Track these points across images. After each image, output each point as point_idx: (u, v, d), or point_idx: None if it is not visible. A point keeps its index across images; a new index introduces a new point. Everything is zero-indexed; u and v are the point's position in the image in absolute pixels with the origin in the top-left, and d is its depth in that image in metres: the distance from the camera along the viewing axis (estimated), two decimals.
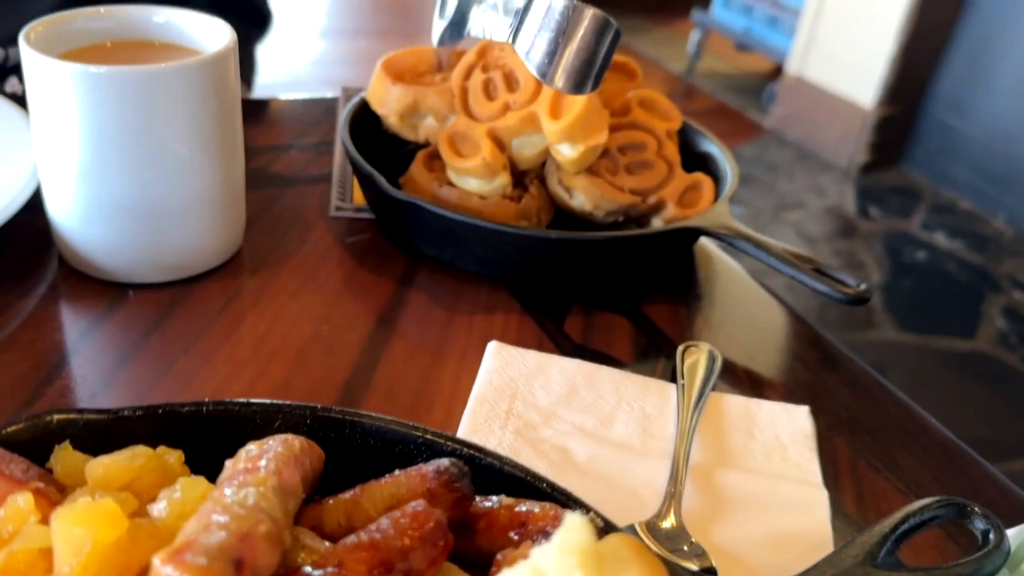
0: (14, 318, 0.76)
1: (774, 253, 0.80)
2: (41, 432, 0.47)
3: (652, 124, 0.93)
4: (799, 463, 0.67)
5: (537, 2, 0.76)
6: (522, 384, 0.71)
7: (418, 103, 0.90)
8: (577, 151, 0.83)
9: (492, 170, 0.84)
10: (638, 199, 0.88)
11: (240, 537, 0.35)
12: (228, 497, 0.38)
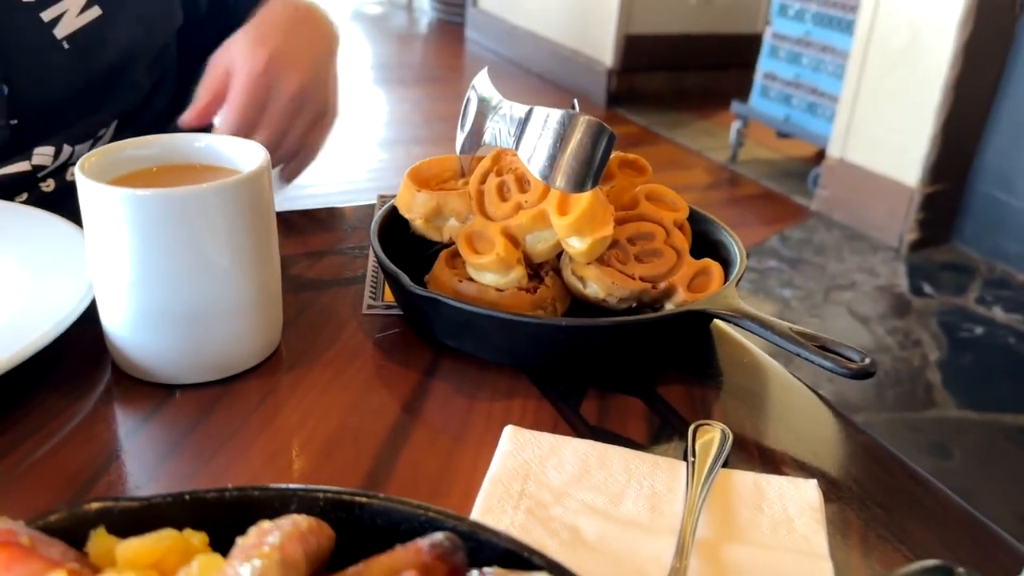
0: (71, 420, 0.82)
1: (779, 332, 0.83)
2: (79, 519, 0.52)
3: (659, 215, 0.98)
4: (806, 535, 0.68)
5: (536, 112, 0.83)
6: (535, 465, 0.74)
7: (441, 207, 0.97)
8: (585, 243, 0.89)
9: (506, 264, 0.89)
10: (649, 286, 0.92)
11: None
12: (234, 569, 0.43)
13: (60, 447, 0.79)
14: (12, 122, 1.17)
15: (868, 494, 0.76)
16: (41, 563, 0.47)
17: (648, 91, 6.58)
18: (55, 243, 1.00)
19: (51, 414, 0.83)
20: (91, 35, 1.19)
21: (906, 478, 0.79)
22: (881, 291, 4.13)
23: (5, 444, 0.78)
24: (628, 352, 0.90)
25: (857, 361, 0.81)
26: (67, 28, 1.17)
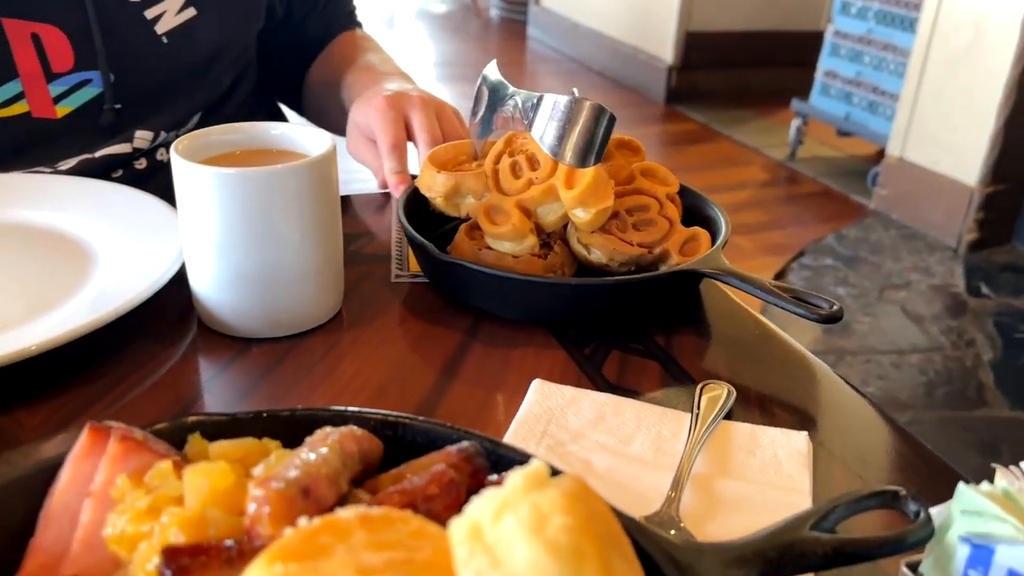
0: (163, 365, 0.96)
1: (758, 285, 0.94)
2: (179, 427, 0.65)
3: (654, 189, 1.10)
4: (791, 475, 0.78)
5: (546, 98, 0.97)
6: (557, 412, 0.85)
7: (459, 185, 1.09)
8: (590, 214, 1.00)
9: (521, 233, 1.01)
10: (645, 251, 1.04)
11: (308, 475, 0.52)
12: (303, 453, 0.55)
13: (155, 387, 0.93)
14: (117, 107, 1.32)
15: (856, 449, 0.85)
16: (151, 455, 0.60)
17: (708, 88, 6.60)
18: (150, 218, 1.15)
19: (147, 359, 0.97)
20: (186, 32, 1.34)
21: (893, 435, 0.88)
22: (936, 291, 4.12)
23: (110, 383, 0.92)
24: (630, 308, 1.03)
25: (826, 308, 0.91)
26: (166, 25, 1.33)
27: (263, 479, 0.51)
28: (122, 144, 1.34)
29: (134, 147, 1.35)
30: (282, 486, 0.50)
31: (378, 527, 0.47)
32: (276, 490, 0.50)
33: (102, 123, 1.33)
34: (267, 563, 0.43)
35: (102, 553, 0.57)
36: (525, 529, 0.42)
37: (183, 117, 1.42)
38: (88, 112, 1.31)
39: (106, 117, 1.32)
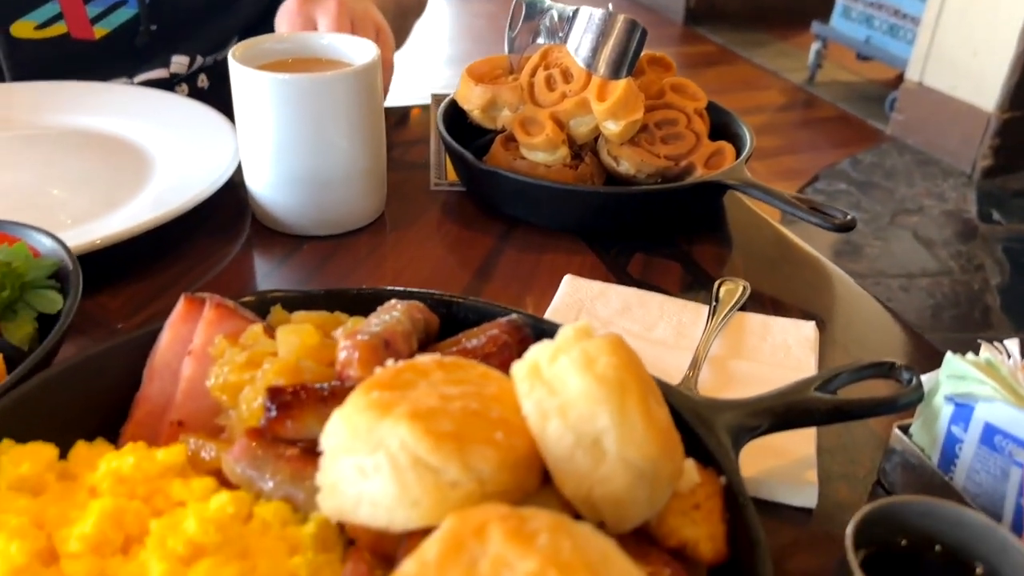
0: (223, 259, 1.05)
1: (778, 196, 1.01)
2: (263, 300, 0.73)
3: (683, 104, 1.15)
4: (799, 358, 0.87)
5: (581, 12, 1.03)
6: (587, 303, 0.94)
7: (495, 98, 1.15)
8: (620, 126, 1.07)
9: (554, 144, 1.08)
10: (672, 163, 1.11)
11: (387, 330, 0.61)
12: (378, 317, 0.64)
13: (219, 278, 1.02)
14: (152, 28, 1.38)
15: (858, 339, 0.93)
16: (242, 320, 0.69)
17: (728, 9, 6.51)
18: (202, 124, 1.22)
19: (209, 253, 1.05)
20: None
21: (892, 328, 0.96)
22: (948, 216, 4.16)
23: (177, 274, 1.01)
24: (656, 217, 1.10)
25: (840, 217, 0.98)
26: None
27: (350, 332, 0.60)
28: (159, 70, 1.40)
29: (171, 72, 1.41)
30: (367, 338, 0.59)
31: (451, 369, 0.56)
32: (363, 341, 0.59)
33: (138, 44, 1.38)
34: (364, 391, 0.52)
35: (203, 402, 0.67)
36: (577, 366, 0.51)
37: (219, 42, 1.47)
38: (124, 34, 1.37)
39: (141, 39, 1.38)
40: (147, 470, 0.59)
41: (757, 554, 0.53)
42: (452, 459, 0.48)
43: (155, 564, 0.52)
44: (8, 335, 0.76)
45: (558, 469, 0.50)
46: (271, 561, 0.54)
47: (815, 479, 0.72)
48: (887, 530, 0.52)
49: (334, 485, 0.51)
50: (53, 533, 0.55)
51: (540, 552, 0.42)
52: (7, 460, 0.59)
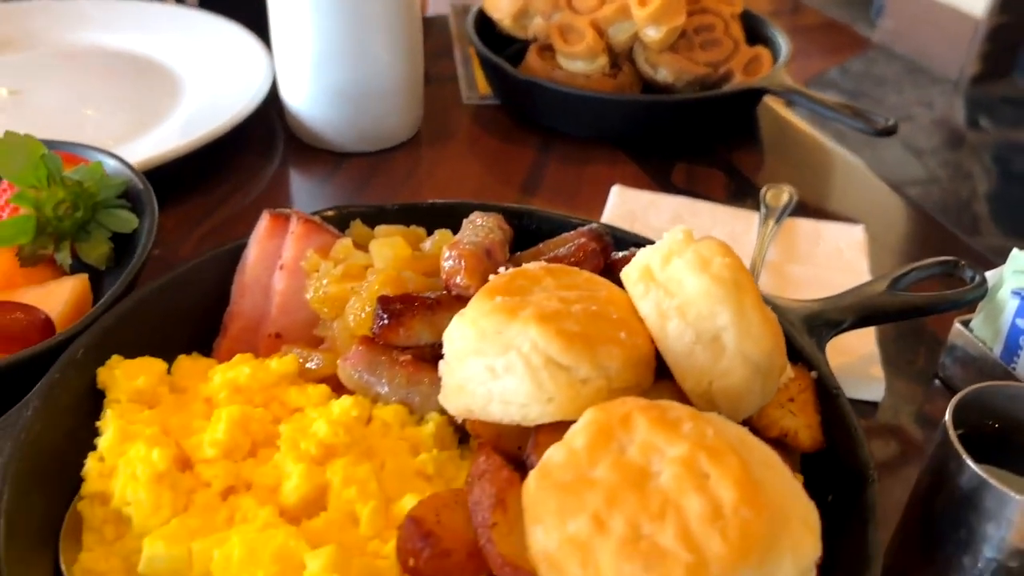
0: (263, 179, 1.05)
1: (819, 102, 1.03)
2: (343, 215, 0.74)
3: (719, 8, 1.15)
4: (852, 261, 0.89)
5: None
6: (639, 213, 0.95)
7: (527, 5, 1.14)
8: (661, 32, 1.07)
9: (594, 52, 1.08)
10: (711, 70, 1.11)
11: (487, 240, 0.62)
12: (471, 228, 0.65)
13: (262, 198, 1.02)
14: None
15: (902, 241, 0.96)
16: (329, 235, 0.70)
17: None
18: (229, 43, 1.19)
19: (248, 174, 1.05)
20: None
21: (934, 230, 0.99)
22: (937, 124, 4.18)
23: (222, 194, 1.01)
24: (696, 125, 1.11)
25: (882, 122, 1.00)
26: None
27: (454, 243, 0.62)
28: None
29: None
30: (472, 247, 0.61)
31: (559, 275, 0.57)
32: (469, 250, 0.60)
33: None
34: (486, 297, 0.54)
35: (299, 314, 0.68)
36: (693, 267, 0.53)
37: None
38: None
39: None
40: (262, 380, 0.61)
41: (855, 439, 0.57)
42: (583, 358, 0.50)
43: (291, 465, 0.55)
44: (84, 255, 0.76)
45: (678, 365, 0.53)
46: (396, 460, 0.57)
47: (881, 374, 0.76)
48: (979, 414, 0.56)
49: (461, 386, 0.54)
50: (180, 441, 0.57)
51: (687, 437, 0.45)
52: (121, 374, 0.60)
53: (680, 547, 0.41)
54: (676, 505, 0.42)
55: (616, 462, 0.45)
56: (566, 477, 0.45)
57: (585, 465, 0.45)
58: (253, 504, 0.53)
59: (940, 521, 0.54)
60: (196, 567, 0.50)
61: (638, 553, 0.41)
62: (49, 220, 0.74)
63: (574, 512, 0.44)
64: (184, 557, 0.50)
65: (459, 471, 0.57)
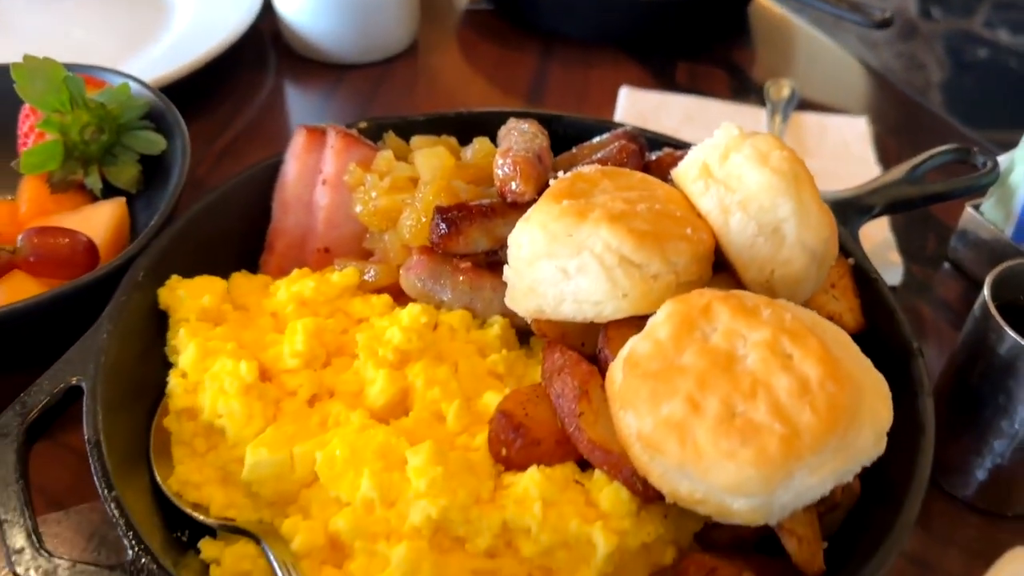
0: (262, 95, 1.03)
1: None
2: (376, 126, 0.74)
3: None
4: (858, 152, 0.92)
5: None
6: (650, 114, 0.97)
7: None
8: None
9: None
10: None
11: (536, 146, 0.63)
12: (515, 135, 0.66)
13: (270, 115, 1.01)
14: None
15: (902, 128, 0.99)
16: (367, 148, 0.71)
17: None
18: None
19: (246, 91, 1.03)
20: None
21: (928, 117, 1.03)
22: None
23: (228, 112, 1.00)
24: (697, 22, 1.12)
25: (879, 15, 1.02)
26: None
27: (505, 151, 0.63)
28: None
29: None
30: (525, 154, 0.62)
31: (613, 176, 0.59)
32: (522, 156, 0.61)
33: None
34: (552, 201, 0.55)
35: (346, 228, 0.69)
36: (753, 162, 0.55)
37: None
38: None
39: None
40: (326, 293, 0.62)
41: (897, 319, 0.60)
42: (654, 255, 0.52)
43: (372, 371, 0.57)
44: (113, 179, 0.76)
45: (740, 257, 0.55)
46: (468, 361, 0.59)
47: (899, 259, 0.80)
48: (1012, 289, 0.60)
49: (531, 288, 0.56)
50: (257, 355, 0.58)
51: (768, 323, 0.48)
52: (186, 294, 0.61)
53: (774, 421, 0.44)
54: (765, 384, 0.46)
55: (702, 349, 0.48)
56: (654, 366, 0.48)
57: (672, 354, 0.48)
58: (342, 409, 0.55)
59: (979, 389, 0.59)
60: (298, 469, 0.52)
61: (734, 429, 0.45)
62: (76, 145, 0.73)
63: (667, 396, 0.47)
64: (286, 461, 0.52)
65: (527, 369, 0.60)
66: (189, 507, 0.53)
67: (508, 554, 0.50)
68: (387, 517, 0.50)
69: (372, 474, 0.50)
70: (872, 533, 0.51)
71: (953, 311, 0.79)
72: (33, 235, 0.66)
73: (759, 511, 0.46)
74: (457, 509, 0.49)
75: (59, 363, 0.55)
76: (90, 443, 0.51)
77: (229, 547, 0.51)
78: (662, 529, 0.51)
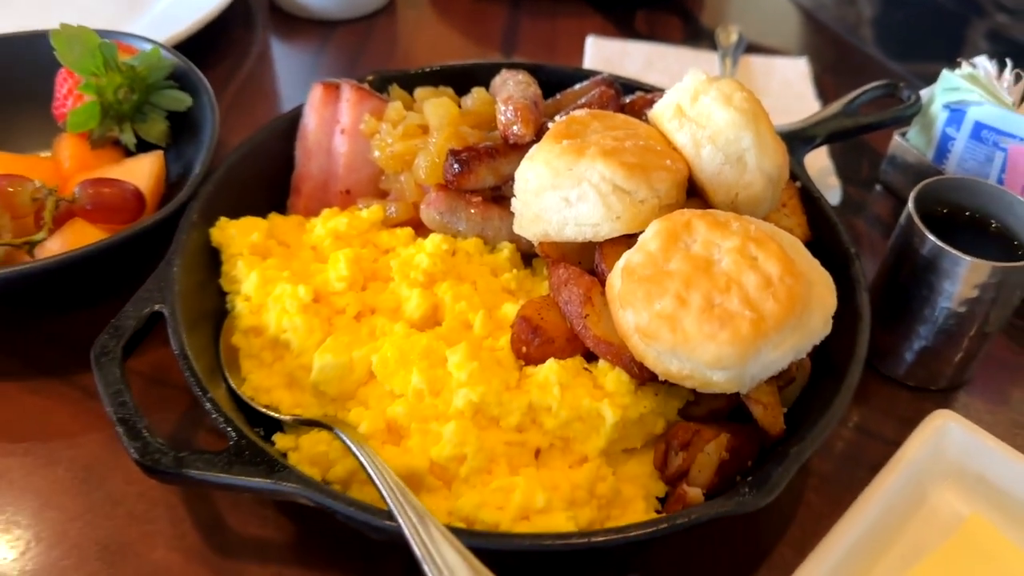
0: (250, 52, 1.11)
1: None
2: (382, 79, 0.84)
3: None
4: (800, 91, 1.04)
5: None
6: (615, 61, 1.07)
7: None
8: None
9: None
10: None
11: (531, 93, 0.73)
12: (511, 84, 0.76)
13: (268, 71, 1.08)
14: None
15: (836, 66, 1.12)
16: (377, 99, 0.80)
17: None
18: None
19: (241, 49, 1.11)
20: None
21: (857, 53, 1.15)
22: None
23: (228, 68, 1.07)
24: None
25: None
26: None
27: (507, 99, 0.73)
28: None
29: None
30: (525, 101, 0.72)
31: (603, 119, 0.70)
32: (523, 103, 0.72)
33: None
34: (552, 140, 0.66)
35: (364, 172, 0.78)
36: (719, 102, 0.66)
37: None
38: None
39: None
40: (358, 227, 0.72)
41: (837, 230, 0.73)
42: (641, 183, 0.63)
43: (406, 290, 0.67)
44: (144, 134, 0.84)
45: (710, 183, 0.67)
46: (484, 280, 0.70)
47: (837, 182, 0.92)
48: (931, 202, 0.72)
49: (538, 215, 0.66)
50: (306, 280, 0.68)
51: (736, 233, 0.60)
52: (237, 232, 0.71)
53: (744, 308, 0.56)
54: (737, 281, 0.57)
55: (685, 256, 0.59)
56: (647, 272, 0.60)
57: (661, 261, 0.60)
58: (386, 322, 0.66)
59: (907, 284, 0.71)
60: (357, 370, 0.63)
61: (714, 317, 0.56)
62: (111, 105, 0.81)
63: (659, 295, 0.58)
64: (347, 363, 0.63)
65: (534, 285, 0.71)
66: (263, 407, 0.64)
67: (533, 428, 0.62)
68: (434, 404, 0.61)
69: (420, 370, 0.61)
70: (820, 401, 0.64)
71: (884, 225, 0.92)
72: (88, 186, 0.74)
73: (734, 381, 0.58)
74: (492, 394, 0.60)
75: (140, 293, 0.64)
76: (179, 356, 0.61)
77: (303, 435, 0.61)
78: (654, 404, 0.63)
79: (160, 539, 0.62)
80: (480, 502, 0.58)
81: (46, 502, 0.64)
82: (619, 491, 0.61)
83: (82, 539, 0.62)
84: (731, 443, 0.61)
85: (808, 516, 0.67)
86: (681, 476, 0.62)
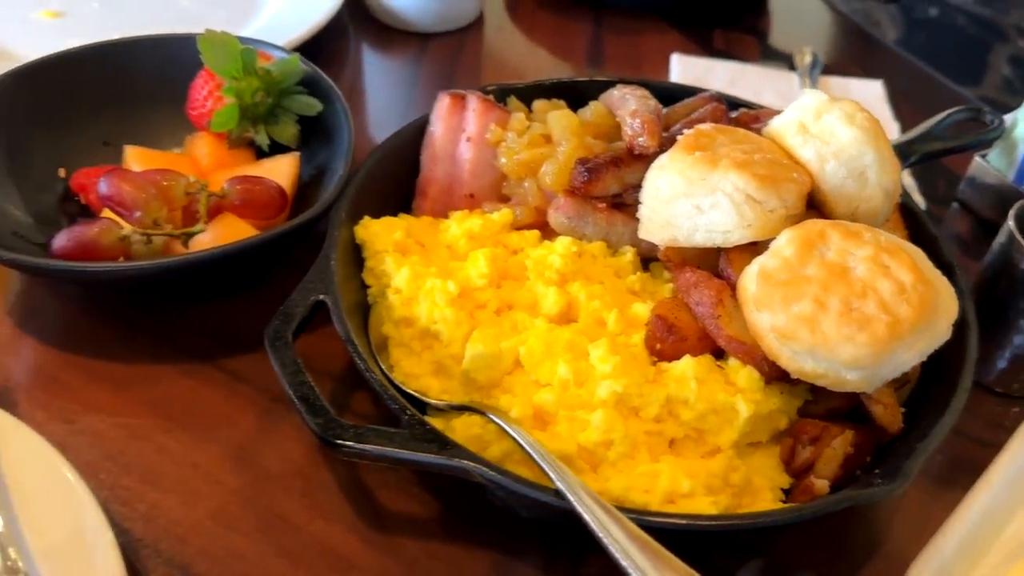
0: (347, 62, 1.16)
1: None
2: (502, 91, 0.88)
3: None
4: (879, 112, 1.09)
5: None
6: (701, 78, 1.12)
7: None
8: None
9: None
10: None
11: (656, 106, 0.78)
12: (633, 98, 0.81)
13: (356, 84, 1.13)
14: None
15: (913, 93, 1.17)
16: (500, 110, 0.85)
17: None
18: None
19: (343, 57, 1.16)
20: None
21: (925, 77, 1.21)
22: None
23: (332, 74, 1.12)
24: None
25: None
26: None
27: (633, 112, 0.78)
28: None
29: None
30: (650, 114, 0.77)
31: (726, 132, 0.75)
32: (649, 116, 0.77)
33: None
34: (683, 151, 0.71)
35: (487, 178, 0.83)
36: (843, 121, 0.71)
37: None
38: None
39: None
40: (490, 228, 0.77)
41: (939, 243, 0.78)
42: (771, 193, 0.68)
43: (542, 287, 0.72)
44: (276, 136, 0.88)
45: (832, 195, 0.71)
46: (610, 281, 0.74)
47: (921, 199, 0.97)
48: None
49: (668, 221, 0.71)
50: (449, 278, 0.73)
51: (869, 242, 0.64)
52: (381, 230, 0.76)
53: (881, 313, 0.61)
54: (872, 287, 0.62)
55: (821, 263, 0.64)
56: (783, 276, 0.64)
57: (798, 267, 0.64)
58: (526, 316, 0.70)
59: (1004, 297, 0.76)
60: (505, 359, 0.67)
61: (852, 319, 0.61)
62: (248, 107, 0.86)
63: (797, 299, 0.63)
64: (496, 353, 0.67)
65: (656, 287, 0.76)
66: (414, 391, 0.68)
67: (671, 420, 0.66)
68: (579, 393, 0.66)
69: (565, 362, 0.66)
70: (931, 402, 0.69)
71: (962, 242, 0.97)
72: (237, 182, 0.79)
73: (866, 381, 0.63)
74: (633, 386, 0.65)
75: (303, 284, 0.69)
76: (346, 340, 0.65)
77: (454, 419, 0.66)
78: (780, 402, 0.67)
79: (317, 512, 0.67)
80: (628, 485, 0.62)
81: (205, 476, 0.69)
82: (750, 480, 0.66)
83: (242, 511, 0.67)
84: (855, 439, 0.66)
85: (913, 509, 0.72)
86: (807, 469, 0.67)
